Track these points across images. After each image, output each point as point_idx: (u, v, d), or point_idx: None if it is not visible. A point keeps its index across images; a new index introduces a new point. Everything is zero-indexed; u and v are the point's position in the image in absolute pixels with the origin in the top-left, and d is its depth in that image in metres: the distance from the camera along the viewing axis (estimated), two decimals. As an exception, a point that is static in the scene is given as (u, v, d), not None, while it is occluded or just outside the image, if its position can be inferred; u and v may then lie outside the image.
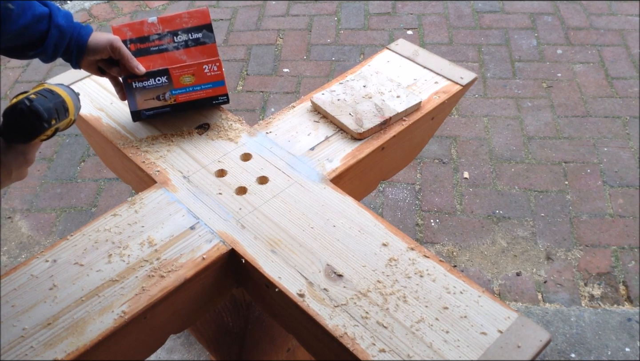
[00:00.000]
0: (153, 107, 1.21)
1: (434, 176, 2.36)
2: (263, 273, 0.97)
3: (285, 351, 1.49)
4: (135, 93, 1.20)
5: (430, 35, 3.07)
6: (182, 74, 1.20)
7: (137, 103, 1.20)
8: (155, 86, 1.20)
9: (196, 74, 1.21)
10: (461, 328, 0.89)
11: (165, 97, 1.21)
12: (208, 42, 1.22)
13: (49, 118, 0.81)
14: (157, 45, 1.20)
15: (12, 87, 2.89)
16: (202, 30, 1.22)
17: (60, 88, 0.88)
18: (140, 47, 1.19)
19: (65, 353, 0.87)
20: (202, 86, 1.22)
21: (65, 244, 1.02)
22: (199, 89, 1.22)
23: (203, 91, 1.23)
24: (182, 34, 1.21)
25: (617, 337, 1.83)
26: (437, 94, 1.33)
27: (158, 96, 1.21)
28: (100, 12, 3.38)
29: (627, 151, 2.41)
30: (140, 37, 1.19)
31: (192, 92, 1.22)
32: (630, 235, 2.10)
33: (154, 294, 0.94)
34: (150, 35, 1.20)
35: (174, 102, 1.22)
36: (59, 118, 0.84)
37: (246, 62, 2.96)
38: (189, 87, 1.22)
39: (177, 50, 1.21)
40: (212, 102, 1.25)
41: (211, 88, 1.23)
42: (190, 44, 1.21)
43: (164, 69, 1.20)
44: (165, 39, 1.20)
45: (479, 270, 2.03)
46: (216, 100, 1.25)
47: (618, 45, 2.94)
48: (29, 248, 2.17)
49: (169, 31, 1.20)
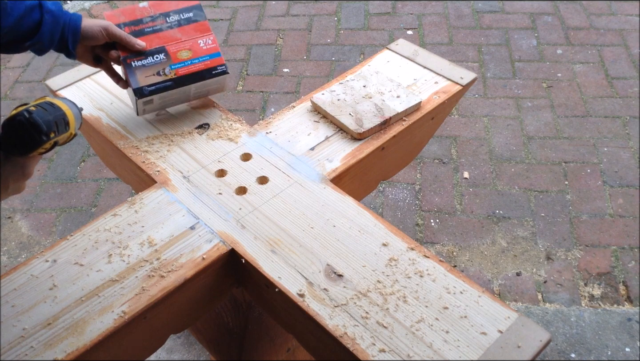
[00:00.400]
0: (154, 83, 1.22)
1: (434, 176, 2.36)
2: (263, 273, 0.97)
3: (285, 351, 1.49)
4: (136, 71, 1.21)
5: (430, 35, 3.07)
6: (179, 49, 1.24)
7: (138, 80, 1.21)
8: (154, 63, 1.22)
9: (192, 48, 1.24)
10: (461, 328, 0.89)
11: (165, 73, 1.23)
12: (200, 20, 1.26)
13: (47, 131, 0.80)
14: (151, 27, 1.23)
15: (12, 87, 2.89)
16: (193, 10, 1.26)
17: (62, 102, 0.88)
18: (135, 29, 1.22)
19: (65, 353, 0.87)
20: (199, 58, 1.25)
21: (65, 244, 1.02)
22: (198, 62, 1.25)
23: (201, 63, 1.25)
24: (174, 15, 1.25)
25: (617, 337, 1.83)
26: (437, 94, 1.33)
27: (158, 71, 1.22)
28: (100, 12, 3.38)
29: (627, 151, 2.41)
30: (133, 20, 1.22)
31: (190, 66, 1.24)
32: (630, 235, 2.10)
33: (154, 294, 0.94)
34: (143, 17, 1.23)
35: (174, 76, 1.24)
36: (59, 132, 0.84)
37: (246, 62, 2.96)
38: (187, 61, 1.24)
39: (171, 29, 1.24)
40: (211, 72, 1.26)
41: (209, 60, 1.26)
42: (182, 22, 1.25)
43: (161, 47, 1.23)
44: (158, 20, 1.23)
45: (479, 270, 2.03)
46: (215, 70, 1.26)
47: (618, 45, 2.94)
48: (29, 248, 2.17)
49: (161, 13, 1.24)
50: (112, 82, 1.37)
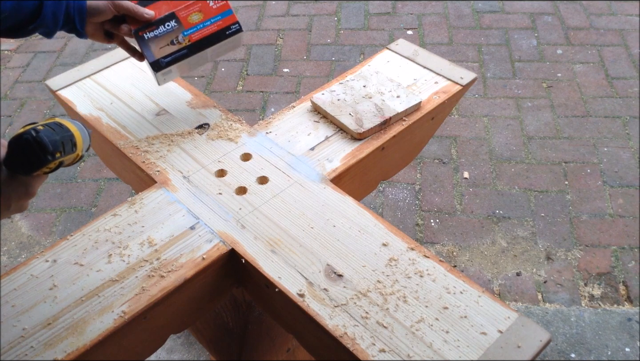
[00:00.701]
0: (170, 53, 1.21)
1: (434, 176, 2.36)
2: (263, 273, 0.97)
3: (285, 351, 1.49)
4: (150, 44, 1.19)
5: (430, 35, 3.07)
6: (189, 13, 1.21)
7: (153, 53, 1.20)
8: (166, 32, 1.20)
9: (203, 10, 1.21)
10: (461, 328, 0.89)
11: (179, 40, 1.21)
12: None
13: (53, 151, 0.80)
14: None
15: (12, 87, 2.89)
16: None
17: (71, 123, 0.87)
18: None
19: (65, 353, 0.87)
20: (211, 20, 1.22)
21: (65, 244, 1.02)
22: (209, 24, 1.22)
23: (214, 24, 1.22)
24: None
25: (617, 337, 1.83)
26: (437, 94, 1.33)
27: (172, 40, 1.21)
28: None
29: (627, 151, 2.41)
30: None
31: (203, 29, 1.22)
32: (630, 235, 2.10)
33: (154, 294, 0.94)
34: None
35: (189, 42, 1.22)
36: (65, 152, 0.83)
37: (246, 62, 2.96)
38: (199, 25, 1.22)
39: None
40: (225, 33, 1.24)
41: (221, 19, 1.22)
42: None
43: (170, 14, 1.20)
44: None
45: (479, 270, 2.03)
46: (229, 30, 1.24)
47: (618, 45, 2.94)
48: (29, 248, 2.17)
49: None
50: (112, 83, 1.38)
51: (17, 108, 2.77)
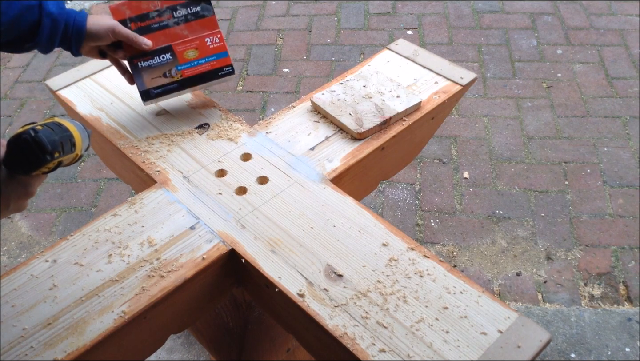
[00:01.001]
0: (161, 85, 1.21)
1: (434, 176, 2.36)
2: (263, 273, 0.97)
3: (285, 351, 1.49)
4: (142, 73, 1.20)
5: (430, 35, 3.07)
6: (186, 49, 1.21)
7: (144, 82, 1.20)
8: (160, 64, 1.20)
9: (199, 47, 1.22)
10: (461, 328, 0.89)
11: (171, 74, 1.22)
12: (207, 15, 1.22)
13: (52, 150, 0.80)
14: (157, 22, 1.19)
15: (12, 87, 2.89)
16: (201, 4, 1.22)
17: (71, 123, 0.87)
18: (141, 25, 1.19)
19: (65, 353, 0.87)
20: (206, 59, 1.23)
21: (65, 244, 1.02)
22: (204, 62, 1.23)
23: (208, 64, 1.23)
24: (181, 9, 1.21)
25: (617, 337, 1.83)
26: (437, 94, 1.33)
27: (164, 73, 1.21)
28: (100, 12, 3.38)
29: (627, 151, 2.41)
30: (139, 15, 1.18)
31: (197, 66, 1.23)
32: (630, 235, 2.10)
33: (154, 294, 0.94)
34: (149, 12, 1.19)
35: (180, 77, 1.22)
36: (64, 152, 0.83)
37: (246, 62, 2.96)
38: (194, 62, 1.22)
39: (178, 25, 1.20)
40: (218, 74, 1.25)
41: (215, 60, 1.23)
42: (190, 18, 1.21)
43: (167, 46, 1.20)
44: (165, 15, 1.19)
45: (479, 270, 2.03)
46: (222, 71, 1.25)
47: (618, 45, 2.94)
48: (29, 248, 2.17)
49: (168, 7, 1.20)
50: (112, 83, 1.38)
51: (17, 108, 2.77)
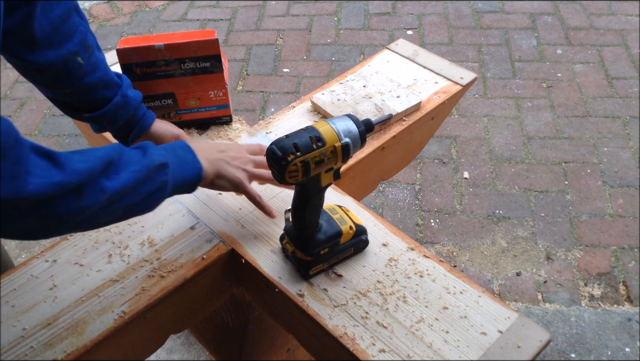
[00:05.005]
0: None
1: (434, 176, 2.36)
2: (263, 273, 0.97)
3: (285, 351, 1.49)
4: None
5: (430, 35, 3.07)
6: (188, 97, 1.21)
7: None
8: (160, 107, 1.21)
9: (202, 98, 1.21)
10: (461, 328, 0.88)
11: (170, 116, 1.23)
12: (215, 72, 1.17)
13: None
14: (163, 71, 1.16)
15: (12, 87, 2.89)
16: (211, 60, 1.16)
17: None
18: (147, 71, 1.15)
19: (65, 353, 0.87)
20: (207, 108, 1.23)
21: (65, 244, 1.02)
22: (204, 111, 1.24)
23: (207, 112, 1.24)
24: (190, 62, 1.15)
25: (617, 337, 1.83)
26: (437, 94, 1.33)
27: (163, 114, 1.22)
28: (100, 12, 3.38)
29: (627, 151, 2.41)
30: (146, 62, 1.14)
31: (196, 113, 1.24)
32: (630, 235, 2.10)
33: (154, 295, 0.94)
34: (157, 60, 1.14)
35: (178, 120, 1.24)
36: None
37: (246, 62, 2.96)
38: (194, 109, 1.23)
39: (185, 77, 1.17)
40: (215, 121, 1.26)
41: (215, 110, 1.24)
42: (197, 72, 1.17)
43: (170, 93, 1.19)
44: (172, 65, 1.15)
45: (479, 270, 2.03)
46: (219, 120, 1.26)
47: (618, 45, 2.94)
48: (29, 248, 2.17)
49: (176, 58, 1.15)
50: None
51: (17, 108, 2.77)
